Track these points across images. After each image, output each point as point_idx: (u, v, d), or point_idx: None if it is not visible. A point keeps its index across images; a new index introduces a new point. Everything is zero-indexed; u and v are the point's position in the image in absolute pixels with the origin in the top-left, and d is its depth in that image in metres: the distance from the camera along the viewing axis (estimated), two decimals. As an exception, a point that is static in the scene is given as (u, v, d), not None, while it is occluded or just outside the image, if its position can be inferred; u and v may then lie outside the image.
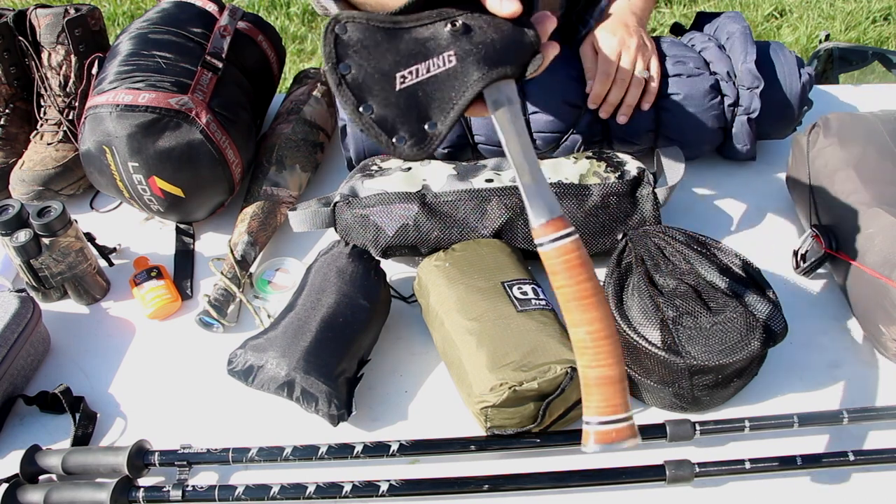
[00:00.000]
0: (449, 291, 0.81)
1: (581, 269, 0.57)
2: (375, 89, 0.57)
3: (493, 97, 0.58)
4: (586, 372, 0.58)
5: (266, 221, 0.99)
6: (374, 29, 0.57)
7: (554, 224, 0.57)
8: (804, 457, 0.73)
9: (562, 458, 0.76)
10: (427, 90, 0.57)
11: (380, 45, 0.57)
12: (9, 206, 0.88)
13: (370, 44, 0.57)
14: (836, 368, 0.84)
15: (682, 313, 0.74)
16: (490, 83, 0.57)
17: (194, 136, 0.94)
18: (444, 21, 0.58)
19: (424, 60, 0.57)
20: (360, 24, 0.57)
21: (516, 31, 0.58)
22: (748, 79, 0.99)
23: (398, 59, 0.57)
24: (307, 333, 0.78)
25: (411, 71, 0.57)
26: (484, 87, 0.57)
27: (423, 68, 0.57)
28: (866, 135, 0.91)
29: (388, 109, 0.57)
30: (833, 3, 2.66)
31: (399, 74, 0.57)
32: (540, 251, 0.58)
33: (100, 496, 0.71)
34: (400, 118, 0.57)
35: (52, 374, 0.87)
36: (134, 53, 0.96)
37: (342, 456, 0.75)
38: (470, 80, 0.57)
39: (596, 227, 0.90)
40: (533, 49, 0.59)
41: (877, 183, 0.85)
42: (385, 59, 0.57)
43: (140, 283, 0.94)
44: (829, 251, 0.86)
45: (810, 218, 0.93)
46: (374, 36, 0.57)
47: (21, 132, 1.13)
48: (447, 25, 0.58)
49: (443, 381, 0.83)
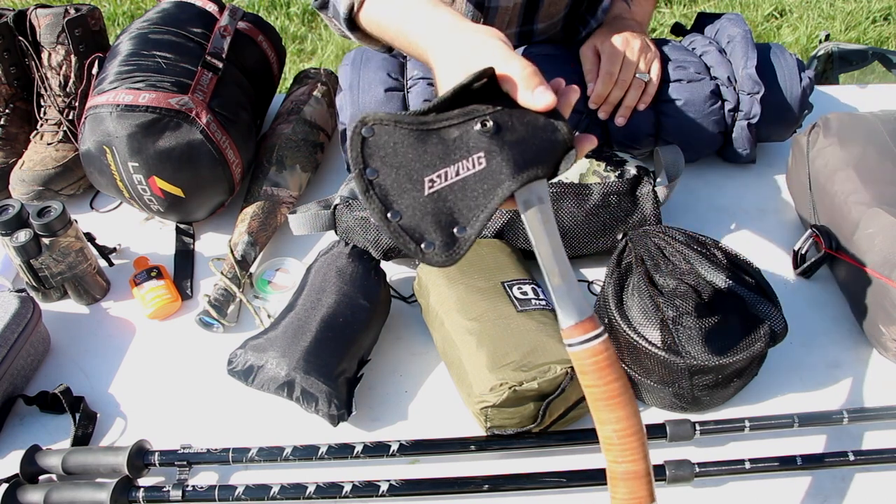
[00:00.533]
0: (449, 291, 0.81)
1: (610, 369, 0.56)
2: (404, 195, 0.55)
3: (524, 197, 0.56)
4: (613, 466, 0.59)
5: (266, 221, 0.99)
6: (402, 132, 0.55)
7: (584, 326, 0.56)
8: (804, 457, 0.73)
9: (562, 458, 0.76)
10: (456, 194, 0.55)
11: (408, 148, 0.55)
12: (9, 206, 0.88)
13: (399, 148, 0.55)
14: (836, 368, 0.84)
15: (682, 313, 0.74)
16: (521, 186, 0.55)
17: (194, 136, 0.94)
18: (473, 120, 0.56)
19: (454, 164, 0.55)
20: (388, 127, 0.55)
21: (548, 125, 0.56)
22: (749, 84, 0.99)
23: (426, 162, 0.55)
24: (307, 333, 0.78)
25: (440, 175, 0.55)
26: (515, 190, 0.54)
27: (451, 171, 0.55)
28: (866, 135, 0.91)
29: (416, 215, 0.54)
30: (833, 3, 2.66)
31: (428, 178, 0.55)
32: (570, 352, 0.57)
33: (100, 496, 0.71)
34: (428, 224, 0.55)
35: (52, 374, 0.87)
36: (134, 53, 0.96)
37: (342, 456, 0.75)
38: (501, 183, 0.54)
39: (596, 227, 0.90)
40: (566, 146, 0.57)
41: (877, 183, 0.85)
42: (413, 163, 0.55)
43: (140, 283, 0.94)
44: (829, 251, 0.87)
45: (810, 218, 0.93)
46: (402, 139, 0.55)
47: (21, 132, 1.13)
48: (477, 125, 0.56)
49: (443, 381, 0.83)
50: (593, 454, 0.76)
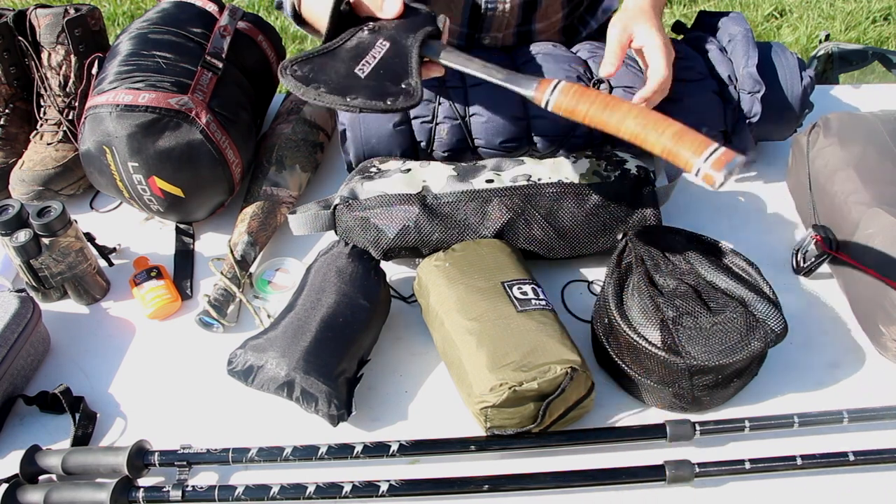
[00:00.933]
0: (449, 291, 0.81)
1: (588, 90, 0.70)
2: (350, 85, 0.72)
3: (433, 52, 0.76)
4: (661, 140, 0.66)
5: (266, 221, 0.99)
6: (317, 59, 0.74)
7: (544, 83, 0.71)
8: (804, 457, 0.73)
9: (562, 458, 0.76)
10: (385, 68, 0.74)
11: (329, 63, 0.73)
12: (9, 206, 0.88)
13: (323, 67, 0.73)
14: (836, 368, 0.84)
15: (682, 313, 0.74)
16: (422, 42, 0.75)
17: (194, 136, 0.94)
18: (360, 30, 0.77)
19: (367, 54, 0.74)
20: (302, 60, 0.73)
21: (410, 11, 0.79)
22: (749, 83, 0.99)
23: (347, 63, 0.73)
24: (307, 333, 0.78)
25: (363, 64, 0.73)
26: (420, 45, 0.75)
27: (369, 59, 0.74)
28: (866, 135, 0.91)
29: (367, 90, 0.71)
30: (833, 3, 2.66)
31: (357, 69, 0.73)
32: (552, 109, 0.71)
33: (100, 496, 0.71)
34: (381, 90, 0.71)
35: (52, 374, 0.87)
36: (134, 53, 0.96)
37: (342, 456, 0.75)
38: (408, 46, 0.75)
39: (596, 227, 0.90)
40: (430, 14, 0.79)
41: (877, 183, 0.85)
42: (339, 67, 0.73)
43: (140, 283, 0.93)
44: (829, 251, 0.86)
45: (810, 218, 0.93)
46: (321, 61, 0.74)
47: (21, 132, 1.13)
48: (364, 31, 0.77)
49: (443, 381, 0.83)
50: (593, 454, 0.76)
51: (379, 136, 1.00)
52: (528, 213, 0.89)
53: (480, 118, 0.99)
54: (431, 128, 1.00)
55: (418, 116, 1.00)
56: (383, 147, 1.00)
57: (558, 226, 0.90)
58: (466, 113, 1.00)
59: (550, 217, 0.89)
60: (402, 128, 1.00)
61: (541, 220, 0.89)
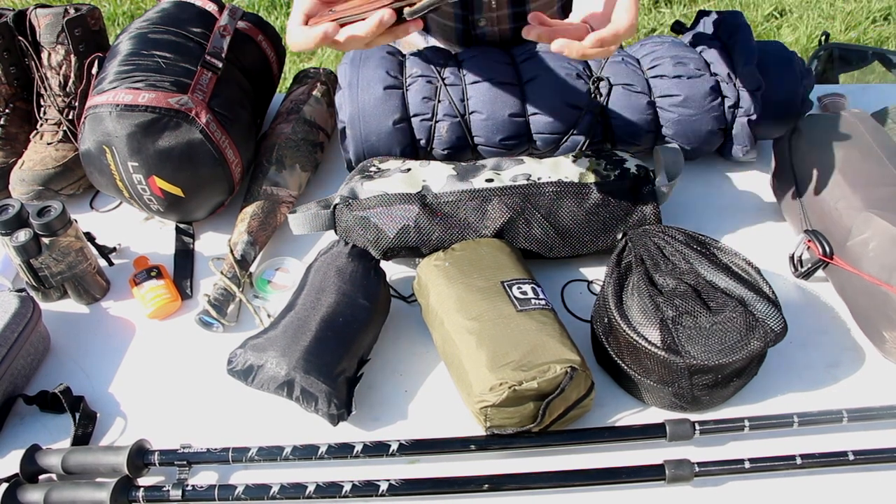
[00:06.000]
0: (449, 291, 0.81)
1: None
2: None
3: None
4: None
5: (266, 221, 0.99)
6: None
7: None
8: (804, 456, 0.73)
9: (562, 457, 0.76)
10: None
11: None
12: (9, 206, 0.88)
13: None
14: (836, 368, 0.84)
15: (681, 313, 0.74)
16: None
17: (194, 136, 0.94)
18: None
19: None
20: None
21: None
22: (749, 80, 0.99)
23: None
24: (307, 333, 0.78)
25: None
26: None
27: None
28: (847, 136, 0.90)
29: None
30: (833, 3, 2.66)
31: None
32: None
33: (100, 496, 0.72)
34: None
35: (52, 374, 0.87)
36: (134, 53, 0.96)
37: (342, 455, 0.75)
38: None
39: (596, 226, 0.90)
40: None
41: (865, 186, 0.84)
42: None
43: (140, 282, 0.94)
44: (823, 258, 0.86)
45: (801, 223, 0.92)
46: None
47: (21, 132, 1.13)
48: None
49: (443, 381, 0.84)
50: (593, 454, 0.76)
51: (379, 134, 1.00)
52: (528, 213, 0.89)
53: (480, 115, 0.99)
54: (431, 125, 1.00)
55: (418, 114, 1.00)
56: (383, 145, 1.00)
57: (558, 225, 0.90)
58: (466, 110, 1.00)
59: (550, 216, 0.89)
60: (402, 125, 1.00)
61: (541, 219, 0.89)
